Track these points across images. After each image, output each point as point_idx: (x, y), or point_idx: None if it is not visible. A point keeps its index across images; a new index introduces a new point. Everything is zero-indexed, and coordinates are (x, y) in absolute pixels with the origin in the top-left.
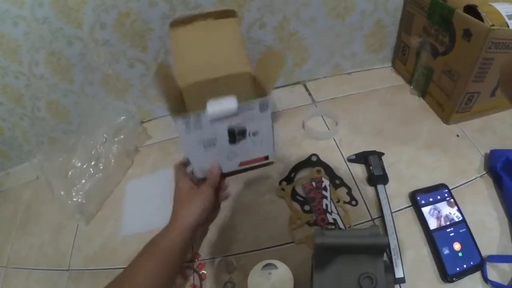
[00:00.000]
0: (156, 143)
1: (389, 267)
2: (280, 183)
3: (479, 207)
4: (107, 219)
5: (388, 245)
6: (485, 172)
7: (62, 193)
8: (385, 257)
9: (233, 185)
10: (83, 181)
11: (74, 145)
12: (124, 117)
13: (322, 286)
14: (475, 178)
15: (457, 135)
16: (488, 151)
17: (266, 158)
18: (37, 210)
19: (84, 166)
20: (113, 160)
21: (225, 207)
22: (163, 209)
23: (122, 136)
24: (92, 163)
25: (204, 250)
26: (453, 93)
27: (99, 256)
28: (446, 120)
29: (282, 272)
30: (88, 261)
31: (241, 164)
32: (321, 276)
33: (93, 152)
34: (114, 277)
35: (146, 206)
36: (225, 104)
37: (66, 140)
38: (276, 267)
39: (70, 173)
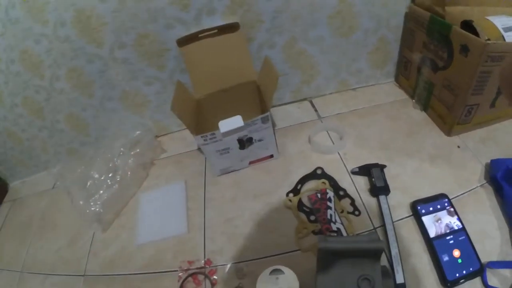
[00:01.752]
0: (170, 156)
1: (388, 272)
2: (287, 195)
3: (480, 216)
4: (123, 228)
5: (385, 250)
6: (485, 182)
7: (81, 202)
8: (386, 264)
9: (244, 198)
10: (101, 191)
11: (93, 157)
12: (140, 132)
13: (324, 287)
14: (475, 187)
15: (458, 146)
16: (489, 161)
17: (271, 156)
18: (53, 218)
19: (102, 178)
20: (129, 172)
21: (237, 216)
22: (176, 218)
23: (138, 150)
24: (110, 175)
25: (215, 257)
26: (453, 106)
27: (114, 262)
28: (448, 132)
29: (289, 277)
30: (104, 266)
31: (250, 162)
32: (323, 278)
33: (110, 165)
34: (130, 282)
35: (160, 215)
36: (234, 124)
37: (85, 152)
38: (283, 272)
39: (88, 183)
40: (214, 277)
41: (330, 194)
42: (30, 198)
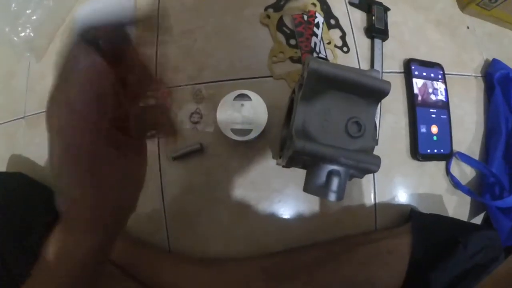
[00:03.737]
0: None
1: (375, 124)
2: (266, 9)
3: (464, 104)
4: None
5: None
6: (480, 75)
7: (7, 29)
8: None
9: (209, 3)
10: (29, 11)
11: None
12: None
13: (306, 121)
14: (470, 75)
15: (468, 27)
16: (491, 58)
17: None
18: None
19: None
20: None
21: (197, 27)
22: None
23: None
24: None
25: (168, 76)
26: None
27: None
28: (462, 7)
29: (256, 105)
30: (44, 101)
31: None
32: (305, 109)
33: None
34: None
35: None
36: None
37: None
38: (250, 98)
39: (13, 5)
40: (168, 100)
41: (320, 19)
42: None
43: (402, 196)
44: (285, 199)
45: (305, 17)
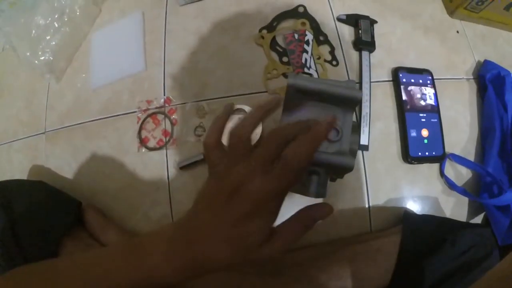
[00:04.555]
0: None
1: (357, 128)
2: (260, 30)
3: (457, 106)
4: (78, 73)
5: (360, 104)
6: (472, 77)
7: (28, 54)
8: (355, 119)
9: (210, 30)
10: (48, 37)
11: (35, 2)
12: None
13: None
14: (461, 78)
15: (457, 31)
16: (482, 60)
17: None
18: (5, 81)
19: (48, 22)
20: (78, 10)
21: (200, 50)
22: (132, 55)
23: None
24: (56, 16)
25: (175, 95)
26: None
27: (73, 112)
28: (451, 12)
29: None
30: (62, 118)
31: None
32: (287, 119)
33: (55, 5)
34: (89, 130)
35: (115, 54)
36: None
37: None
38: (246, 112)
39: (33, 32)
40: (174, 116)
41: (309, 36)
42: None
43: (396, 199)
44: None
45: (296, 36)
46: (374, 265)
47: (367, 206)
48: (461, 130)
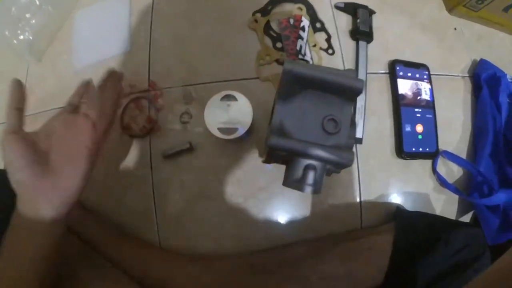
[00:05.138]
0: None
1: (353, 122)
2: (253, 14)
3: (451, 105)
4: (59, 55)
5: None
6: (468, 76)
7: (7, 33)
8: None
9: (200, 13)
10: (28, 15)
11: None
12: None
13: (283, 119)
14: (457, 76)
15: (455, 29)
16: (478, 59)
17: None
18: None
19: None
20: None
21: (190, 35)
22: (116, 36)
23: None
24: None
25: (160, 79)
26: None
27: (53, 95)
28: (449, 9)
29: (242, 105)
30: (43, 102)
31: None
32: (283, 109)
33: None
34: None
35: (98, 34)
36: None
37: None
38: (235, 99)
39: (13, 9)
40: (158, 102)
41: (305, 23)
42: None
43: (388, 195)
44: (271, 197)
45: (292, 21)
46: (367, 264)
47: (358, 201)
48: (454, 128)
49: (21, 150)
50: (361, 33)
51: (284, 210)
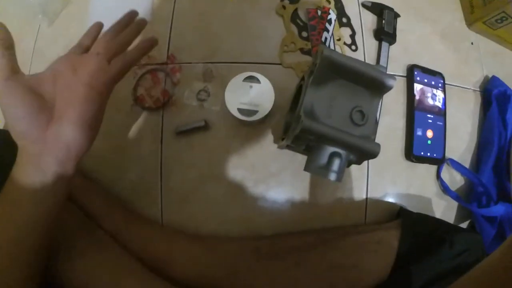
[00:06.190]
0: None
1: (377, 119)
2: (282, 0)
3: (460, 115)
4: (72, 19)
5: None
6: (479, 90)
7: None
8: None
9: None
10: None
11: None
12: None
13: (312, 102)
14: (469, 88)
15: (472, 43)
16: (490, 75)
17: None
18: None
19: None
20: None
21: (215, 11)
22: (137, 4)
23: None
24: None
25: (179, 53)
26: (491, 3)
27: None
28: (469, 23)
29: (264, 88)
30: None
31: None
32: (314, 93)
33: None
34: None
35: (117, 1)
36: None
37: None
38: (259, 81)
39: None
40: (176, 76)
41: (332, 16)
42: None
43: (393, 194)
44: (281, 185)
45: (319, 12)
46: (376, 256)
47: (364, 197)
48: (461, 137)
49: (22, 96)
50: (385, 34)
51: (292, 198)
